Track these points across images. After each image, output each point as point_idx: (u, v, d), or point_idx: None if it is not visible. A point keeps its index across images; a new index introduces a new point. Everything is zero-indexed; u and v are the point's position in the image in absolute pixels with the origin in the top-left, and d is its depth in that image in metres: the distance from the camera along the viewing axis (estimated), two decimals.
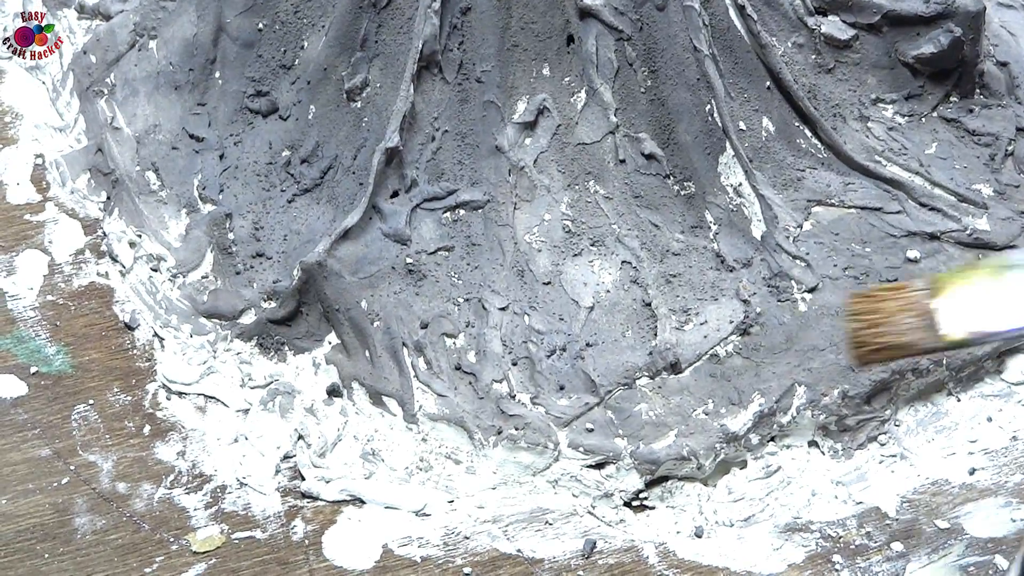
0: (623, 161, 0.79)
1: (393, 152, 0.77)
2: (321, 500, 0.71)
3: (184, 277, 0.79)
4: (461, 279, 0.76)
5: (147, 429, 0.73)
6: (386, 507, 0.71)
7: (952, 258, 0.77)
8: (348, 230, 0.76)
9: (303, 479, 0.71)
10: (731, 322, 0.74)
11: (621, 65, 0.79)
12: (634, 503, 0.72)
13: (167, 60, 0.86)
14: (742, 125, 0.80)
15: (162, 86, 0.86)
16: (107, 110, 0.85)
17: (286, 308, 0.75)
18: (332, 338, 0.76)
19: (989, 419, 0.75)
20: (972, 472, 0.73)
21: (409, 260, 0.76)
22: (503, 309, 0.75)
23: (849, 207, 0.79)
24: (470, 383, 0.73)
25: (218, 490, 0.71)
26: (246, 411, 0.74)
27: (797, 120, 0.82)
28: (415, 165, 0.78)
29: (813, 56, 0.83)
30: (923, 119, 0.84)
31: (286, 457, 0.72)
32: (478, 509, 0.71)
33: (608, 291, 0.75)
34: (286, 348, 0.76)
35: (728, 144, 0.80)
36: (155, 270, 0.79)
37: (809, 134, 0.82)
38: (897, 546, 0.70)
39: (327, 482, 0.71)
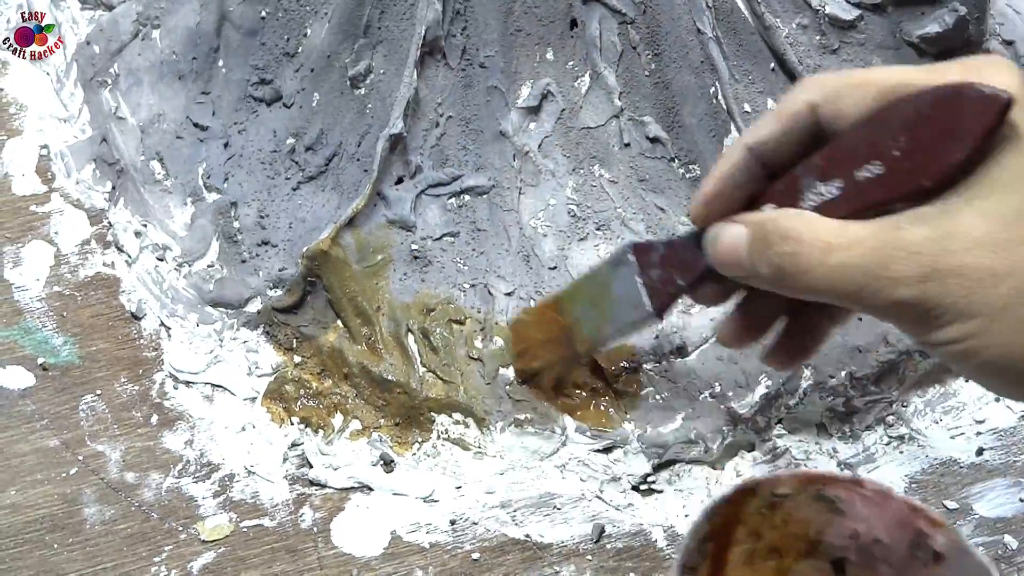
0: (628, 145, 0.79)
1: (397, 139, 0.76)
2: (329, 488, 0.71)
3: (190, 266, 0.79)
4: (467, 265, 0.76)
5: (155, 419, 0.73)
6: (394, 494, 0.71)
7: None
8: (353, 217, 0.76)
9: (311, 467, 0.71)
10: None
11: (625, 48, 0.79)
12: (642, 487, 0.72)
13: (170, 49, 0.86)
14: (747, 107, 0.80)
15: (166, 75, 0.86)
16: (111, 100, 0.85)
17: (292, 296, 0.75)
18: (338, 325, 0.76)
19: (997, 399, 0.75)
20: (980, 452, 0.73)
21: (414, 247, 0.76)
22: (509, 294, 0.75)
23: None
24: (477, 369, 0.73)
25: (226, 479, 0.71)
26: (253, 399, 0.74)
27: None
28: (419, 151, 0.78)
29: (818, 37, 0.83)
30: None
31: (294, 445, 0.72)
32: (486, 495, 0.71)
33: None
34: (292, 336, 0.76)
35: (733, 126, 0.80)
36: (161, 259, 0.79)
37: None
38: None
39: (335, 469, 0.71)
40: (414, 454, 0.72)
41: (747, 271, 0.49)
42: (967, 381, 0.75)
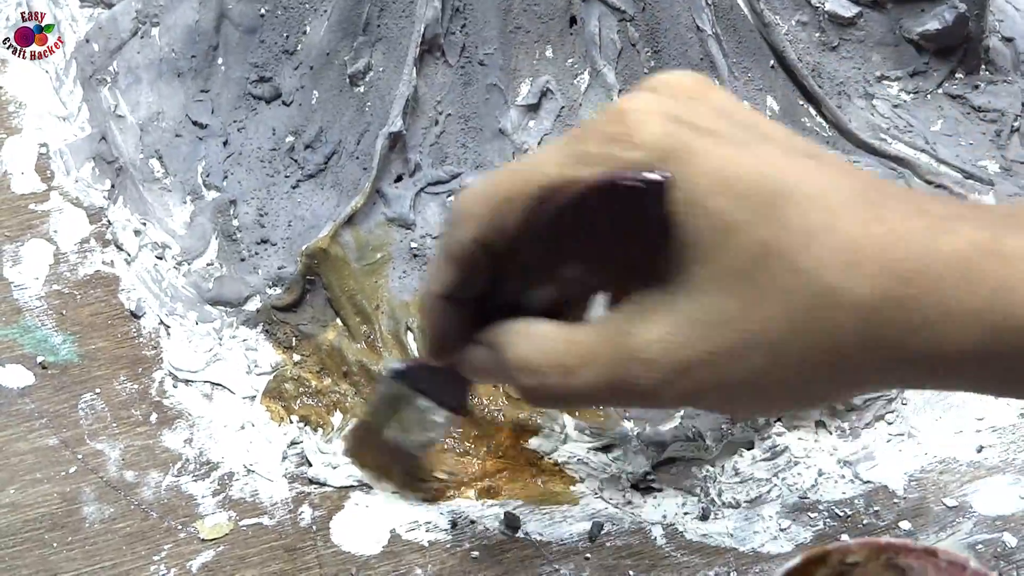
0: None
1: (396, 137, 0.77)
2: (328, 486, 0.71)
3: (189, 264, 0.79)
4: None
5: (154, 417, 0.73)
6: (393, 492, 0.71)
7: None
8: (352, 215, 0.76)
9: (310, 465, 0.71)
10: None
11: (624, 46, 0.79)
12: (641, 485, 0.72)
13: (169, 47, 0.86)
14: (747, 104, 0.80)
15: (165, 73, 0.86)
16: (110, 98, 0.85)
17: (291, 294, 0.75)
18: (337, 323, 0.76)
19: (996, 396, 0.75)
20: (980, 450, 0.73)
21: (414, 245, 0.76)
22: None
23: None
24: None
25: (225, 477, 0.71)
26: (253, 398, 0.74)
27: (802, 99, 0.82)
28: (418, 149, 0.78)
29: (817, 34, 0.83)
30: (928, 96, 0.83)
31: (293, 443, 0.72)
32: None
33: None
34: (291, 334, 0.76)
35: None
36: (160, 258, 0.79)
37: (814, 113, 0.82)
38: (905, 524, 0.70)
39: (334, 468, 0.71)
40: None
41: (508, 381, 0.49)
42: None
